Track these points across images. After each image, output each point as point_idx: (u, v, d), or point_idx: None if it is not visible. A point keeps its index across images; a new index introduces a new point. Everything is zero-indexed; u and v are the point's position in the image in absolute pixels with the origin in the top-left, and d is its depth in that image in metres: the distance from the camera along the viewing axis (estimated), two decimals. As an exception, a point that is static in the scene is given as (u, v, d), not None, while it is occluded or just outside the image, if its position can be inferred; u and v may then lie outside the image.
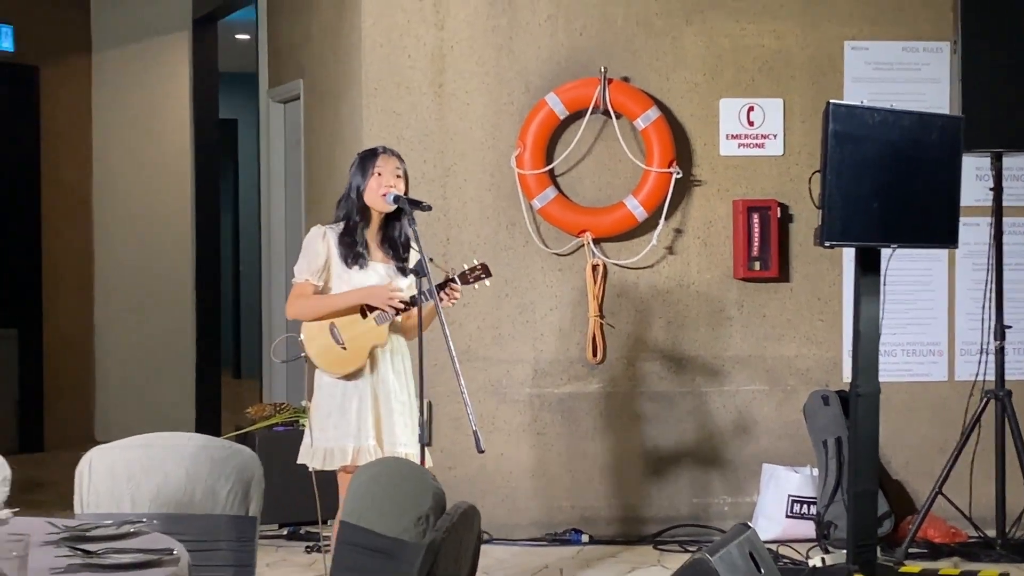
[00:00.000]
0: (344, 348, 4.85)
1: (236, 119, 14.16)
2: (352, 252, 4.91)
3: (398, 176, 4.97)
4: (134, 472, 3.62)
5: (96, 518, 3.44)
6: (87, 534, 3.04)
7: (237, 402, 11.57)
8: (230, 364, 14.11)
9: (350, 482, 3.36)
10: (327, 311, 4.87)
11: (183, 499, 3.61)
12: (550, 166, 6.73)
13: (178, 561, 2.83)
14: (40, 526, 3.13)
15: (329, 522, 6.55)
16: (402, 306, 4.83)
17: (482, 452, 4.70)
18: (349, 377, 4.85)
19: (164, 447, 3.69)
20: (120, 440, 3.71)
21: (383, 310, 4.83)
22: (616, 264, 6.80)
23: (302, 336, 4.90)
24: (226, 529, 3.59)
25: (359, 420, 4.83)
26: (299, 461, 4.96)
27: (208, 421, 10.07)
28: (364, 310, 4.89)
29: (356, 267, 4.91)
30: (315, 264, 4.89)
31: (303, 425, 6.98)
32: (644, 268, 6.83)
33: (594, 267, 6.74)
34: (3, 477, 3.69)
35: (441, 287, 4.90)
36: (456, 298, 4.96)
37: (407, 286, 5.00)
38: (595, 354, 6.76)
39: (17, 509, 3.35)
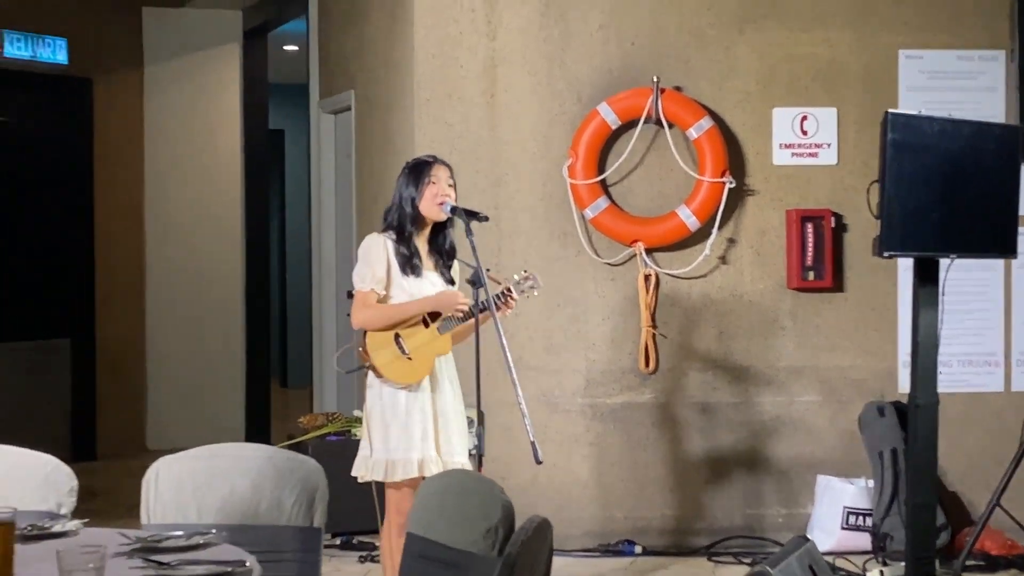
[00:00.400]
0: (410, 358, 4.87)
1: (283, 129, 14.23)
2: (409, 262, 4.93)
3: (450, 185, 5.01)
4: (200, 483, 3.63)
5: (163, 528, 3.45)
6: (159, 545, 3.06)
7: (285, 411, 11.63)
8: (277, 373, 14.17)
9: (417, 493, 3.37)
10: (398, 319, 4.88)
11: (248, 510, 3.62)
12: (602, 176, 6.72)
13: (251, 573, 2.84)
14: (111, 537, 3.14)
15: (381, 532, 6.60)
16: (467, 310, 4.86)
17: (540, 463, 4.72)
18: (410, 387, 4.86)
19: (230, 458, 3.70)
20: (186, 451, 3.73)
21: (452, 315, 4.86)
22: (668, 274, 6.78)
23: (366, 346, 4.90)
24: (291, 540, 3.60)
25: (422, 430, 4.84)
26: (355, 473, 4.95)
27: (258, 430, 10.12)
28: (426, 319, 4.91)
29: (412, 276, 4.93)
30: (379, 272, 4.90)
31: (356, 435, 7.02)
32: (697, 278, 6.81)
33: (646, 277, 6.73)
34: (70, 488, 3.72)
35: (498, 297, 4.93)
36: (512, 307, 4.99)
37: None
38: (647, 364, 6.75)
39: (87, 520, 3.37)
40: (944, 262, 5.66)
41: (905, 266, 6.73)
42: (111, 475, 8.55)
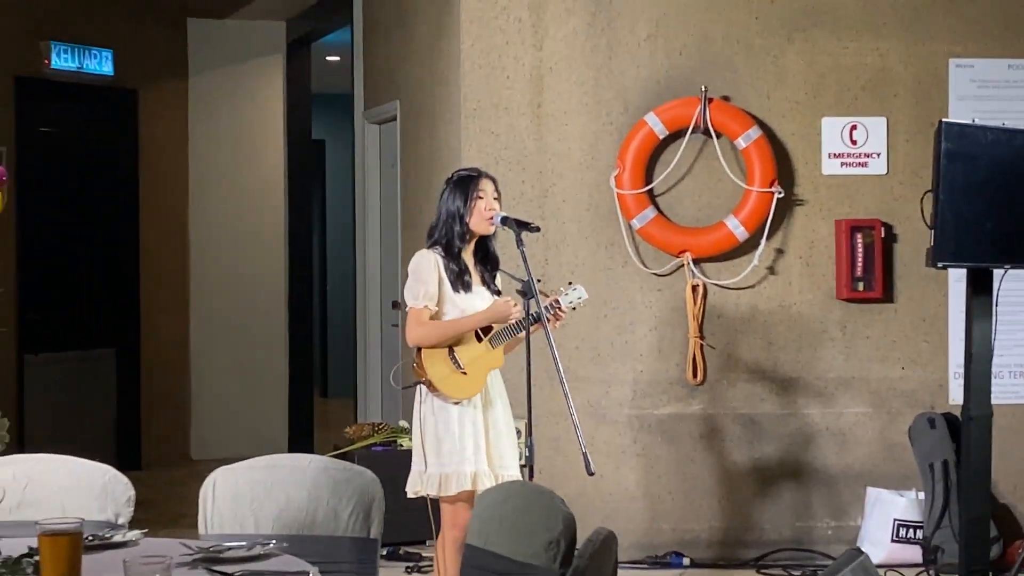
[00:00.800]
0: (465, 373, 4.86)
1: (324, 140, 14.26)
2: (460, 278, 4.92)
3: (495, 198, 4.99)
4: (257, 493, 3.63)
5: (221, 538, 3.45)
6: (221, 555, 3.05)
7: (326, 421, 11.64)
8: (318, 383, 14.18)
9: (476, 505, 3.36)
10: (452, 335, 4.87)
11: (305, 520, 3.61)
12: (649, 186, 6.70)
13: (314, 584, 2.83)
14: (173, 547, 3.14)
15: (428, 543, 6.60)
16: (520, 318, 4.85)
17: (592, 475, 4.70)
18: (462, 402, 4.86)
19: (286, 468, 3.70)
20: (243, 461, 3.72)
21: (507, 325, 4.85)
22: (716, 284, 6.75)
23: (421, 362, 4.89)
24: (348, 551, 3.60)
25: (474, 444, 4.83)
26: (409, 489, 4.94)
27: (300, 440, 10.13)
28: (479, 333, 4.90)
29: (463, 291, 4.92)
30: (430, 289, 4.89)
31: (402, 445, 7.02)
32: (745, 288, 6.78)
33: (694, 287, 6.70)
34: (127, 498, 3.72)
35: (547, 309, 4.91)
36: (561, 319, 4.98)
37: None
38: (695, 375, 6.72)
39: (146, 530, 3.36)
40: (998, 272, 5.61)
41: (956, 276, 6.68)
42: (155, 485, 8.58)
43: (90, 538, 3.17)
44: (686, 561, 6.64)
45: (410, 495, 4.95)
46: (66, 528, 2.71)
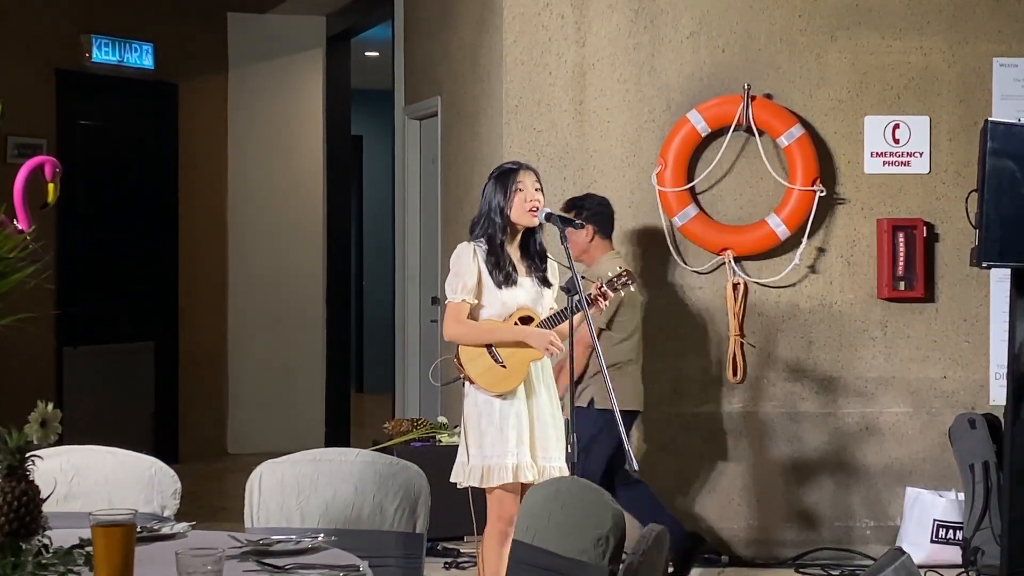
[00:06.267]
0: (504, 367, 4.86)
1: (361, 135, 14.28)
2: (503, 271, 4.91)
3: (537, 190, 4.99)
4: (304, 487, 3.64)
5: (269, 532, 3.46)
6: (270, 548, 3.06)
7: (362, 416, 11.66)
8: (354, 378, 14.21)
9: (524, 500, 3.35)
10: (487, 342, 4.88)
11: (351, 515, 3.62)
12: (691, 183, 6.68)
13: (364, 578, 2.84)
14: (221, 539, 3.15)
15: (467, 538, 6.62)
16: (559, 352, 4.84)
17: (635, 471, 4.69)
18: (506, 394, 4.85)
19: (333, 462, 3.70)
20: (289, 455, 3.73)
21: (549, 316, 4.86)
22: (757, 283, 6.73)
23: (460, 357, 4.91)
24: (394, 546, 3.60)
25: (517, 436, 4.83)
26: (453, 479, 4.96)
27: (337, 435, 10.15)
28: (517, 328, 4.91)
29: (505, 285, 4.92)
30: (469, 283, 4.89)
31: (440, 441, 7.04)
32: (786, 287, 6.76)
33: (735, 285, 6.68)
34: (174, 490, 3.74)
35: (590, 296, 4.89)
36: (602, 309, 4.96)
37: (551, 297, 5.02)
38: (735, 373, 6.70)
39: (194, 523, 3.38)
40: (1043, 273, 5.58)
41: (997, 276, 6.65)
42: (193, 478, 8.59)
43: (139, 530, 3.18)
44: (724, 559, 6.63)
45: (460, 487, 4.96)
46: (120, 520, 2.71)
